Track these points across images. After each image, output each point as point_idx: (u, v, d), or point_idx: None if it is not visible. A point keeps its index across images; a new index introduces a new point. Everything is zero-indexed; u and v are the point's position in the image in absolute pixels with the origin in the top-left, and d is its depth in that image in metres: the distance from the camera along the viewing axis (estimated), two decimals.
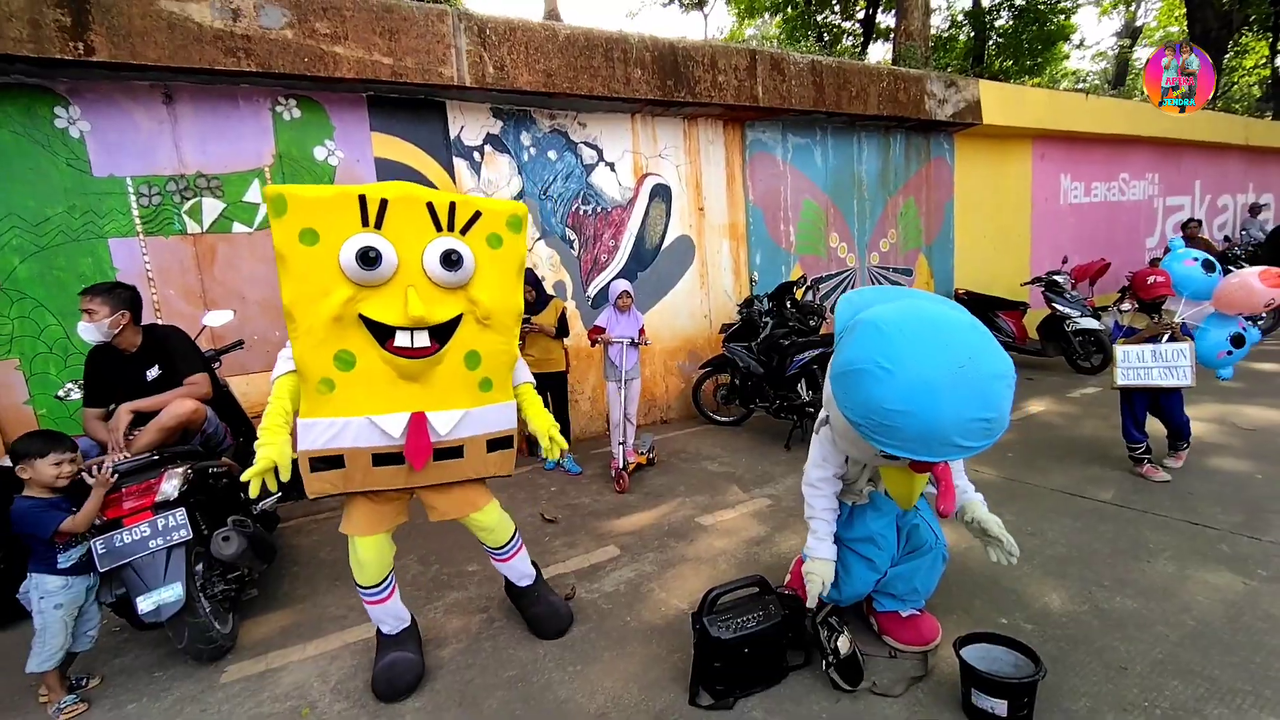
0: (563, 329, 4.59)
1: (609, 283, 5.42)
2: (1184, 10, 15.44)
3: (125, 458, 2.47)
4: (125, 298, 2.75)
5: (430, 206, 2.04)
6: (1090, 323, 6.33)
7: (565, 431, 4.78)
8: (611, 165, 5.51)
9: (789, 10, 19.45)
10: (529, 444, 5.10)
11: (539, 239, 5.23)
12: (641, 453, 4.56)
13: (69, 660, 2.39)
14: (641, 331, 4.47)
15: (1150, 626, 2.34)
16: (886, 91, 6.48)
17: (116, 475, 2.37)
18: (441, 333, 2.09)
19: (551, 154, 5.22)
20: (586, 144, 5.37)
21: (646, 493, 4.14)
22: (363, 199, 1.95)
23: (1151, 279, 3.59)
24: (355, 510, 2.24)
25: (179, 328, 3.08)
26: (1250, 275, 3.53)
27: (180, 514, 2.42)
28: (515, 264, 2.24)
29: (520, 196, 5.09)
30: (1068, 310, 6.48)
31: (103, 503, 2.33)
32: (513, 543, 2.56)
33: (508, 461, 2.37)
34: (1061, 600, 2.55)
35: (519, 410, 2.42)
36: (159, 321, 3.17)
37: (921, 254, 7.67)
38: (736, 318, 5.57)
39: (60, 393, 3.00)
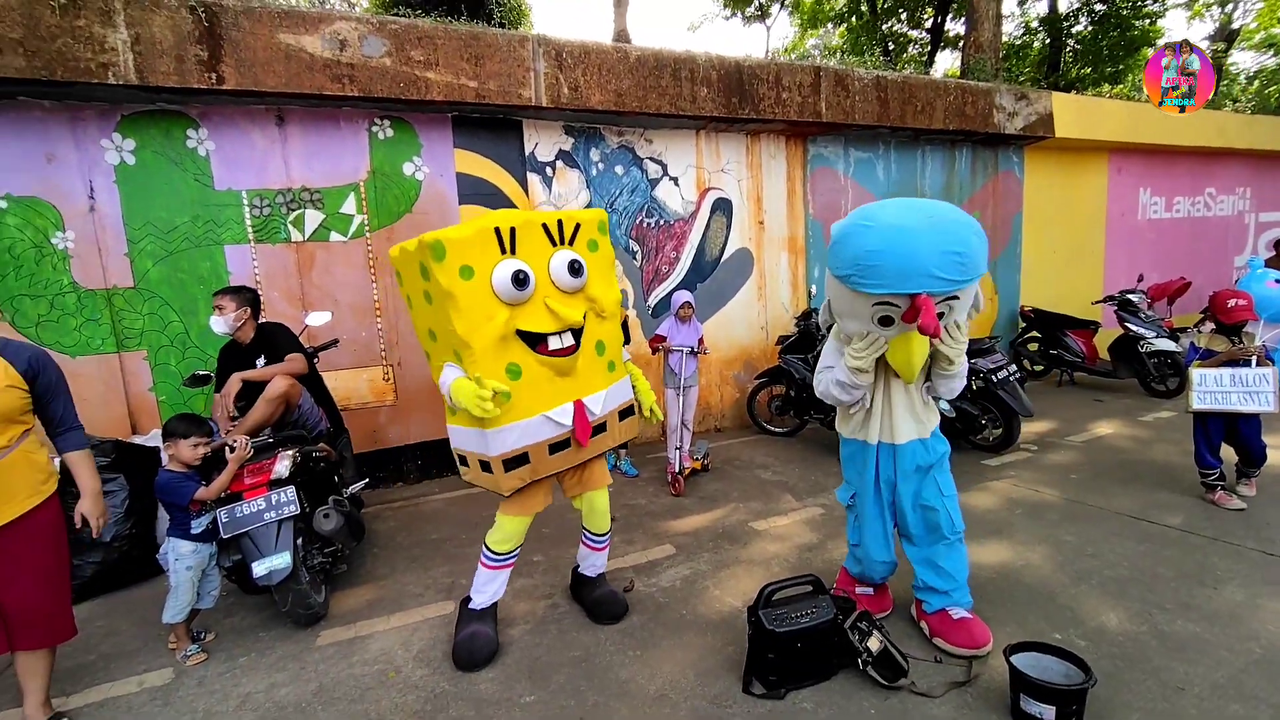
0: (625, 337, 4.78)
1: (670, 293, 5.60)
2: None
3: (246, 438, 2.81)
4: (248, 298, 3.22)
5: (545, 226, 2.36)
6: (1166, 344, 6.07)
7: None
8: (675, 179, 5.70)
9: (853, 20, 19.29)
10: None
11: None
12: (696, 458, 4.70)
13: (192, 616, 2.74)
14: (700, 341, 4.63)
15: (1213, 651, 2.32)
16: (953, 105, 6.44)
17: (253, 451, 2.74)
18: (577, 331, 2.41)
19: (619, 169, 5.46)
20: (652, 159, 5.58)
21: (701, 497, 4.29)
22: (498, 230, 2.23)
23: (1232, 301, 3.49)
24: (519, 496, 2.52)
25: (283, 324, 3.54)
26: None
27: (290, 491, 2.73)
28: (610, 261, 2.63)
29: (587, 209, 5.34)
30: (1142, 330, 6.24)
31: (235, 471, 2.69)
32: (609, 535, 2.86)
33: (634, 426, 2.77)
34: (1119, 620, 2.55)
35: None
36: (265, 320, 3.60)
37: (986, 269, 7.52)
38: (793, 330, 5.65)
39: (199, 372, 3.46)
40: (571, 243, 2.43)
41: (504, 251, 2.25)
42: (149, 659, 2.71)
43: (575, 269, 2.38)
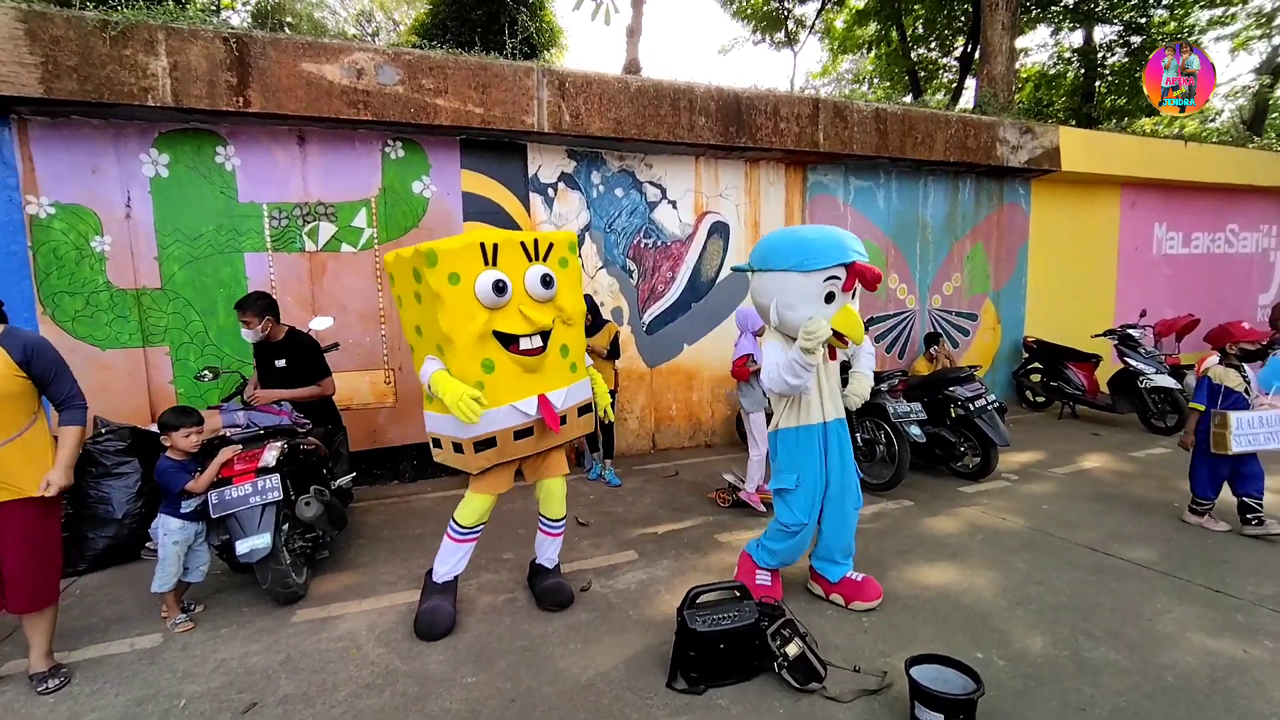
0: (614, 351, 4.99)
1: (740, 310, 4.58)
2: None
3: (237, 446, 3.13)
4: (264, 305, 3.63)
5: (523, 244, 2.70)
6: (1165, 380, 6.02)
7: (610, 446, 5.16)
8: (674, 203, 5.93)
9: (883, 47, 19.41)
10: (576, 455, 5.53)
11: (601, 268, 5.71)
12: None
13: (183, 589, 3.01)
14: None
15: (1125, 677, 2.39)
16: (954, 138, 6.55)
17: (237, 451, 3.04)
18: (545, 334, 2.75)
19: (618, 191, 5.71)
20: (651, 183, 5.83)
21: (674, 508, 4.44)
22: (482, 245, 2.58)
23: (1247, 324, 3.75)
24: (486, 477, 2.85)
25: (316, 341, 3.94)
26: None
27: (275, 479, 2.99)
28: (578, 277, 2.98)
29: (587, 229, 5.61)
30: (1141, 366, 6.20)
31: (219, 469, 2.97)
32: (563, 522, 3.15)
33: (590, 422, 3.09)
34: (1044, 644, 2.63)
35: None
36: (299, 329, 3.99)
37: (988, 299, 7.55)
38: None
39: (203, 374, 3.78)
40: (545, 259, 2.77)
41: (487, 263, 2.59)
42: (143, 625, 2.98)
43: (547, 281, 2.73)
